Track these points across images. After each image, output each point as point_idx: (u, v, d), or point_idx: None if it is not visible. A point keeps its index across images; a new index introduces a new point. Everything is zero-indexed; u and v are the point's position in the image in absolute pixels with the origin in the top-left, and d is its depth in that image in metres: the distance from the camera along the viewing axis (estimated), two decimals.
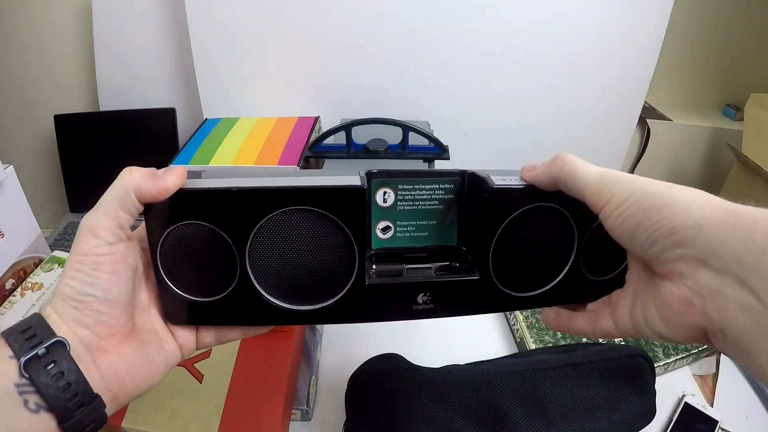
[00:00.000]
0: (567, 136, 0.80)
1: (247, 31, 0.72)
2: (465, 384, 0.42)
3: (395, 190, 0.31)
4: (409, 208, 0.31)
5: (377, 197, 0.31)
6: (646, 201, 0.23)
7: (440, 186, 0.31)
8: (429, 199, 0.31)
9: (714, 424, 0.50)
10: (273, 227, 0.27)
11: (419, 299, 0.30)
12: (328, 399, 0.53)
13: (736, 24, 0.85)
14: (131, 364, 0.26)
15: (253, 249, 0.27)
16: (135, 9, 0.75)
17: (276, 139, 0.69)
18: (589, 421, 0.42)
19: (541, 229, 0.30)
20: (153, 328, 0.29)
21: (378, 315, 0.30)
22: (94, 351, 0.25)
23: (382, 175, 0.30)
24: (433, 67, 0.74)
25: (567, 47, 0.72)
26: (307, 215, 0.27)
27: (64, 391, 0.23)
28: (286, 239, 0.27)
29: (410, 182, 0.31)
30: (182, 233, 0.27)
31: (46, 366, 0.23)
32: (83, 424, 0.23)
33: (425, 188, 0.31)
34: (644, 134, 0.87)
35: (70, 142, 0.79)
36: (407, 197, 0.31)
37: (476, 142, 0.80)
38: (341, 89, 0.77)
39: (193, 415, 0.45)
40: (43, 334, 0.23)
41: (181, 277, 0.28)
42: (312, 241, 0.28)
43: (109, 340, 0.25)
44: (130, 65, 0.79)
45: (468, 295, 0.30)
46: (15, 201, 0.52)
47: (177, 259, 0.28)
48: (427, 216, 0.32)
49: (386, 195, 0.31)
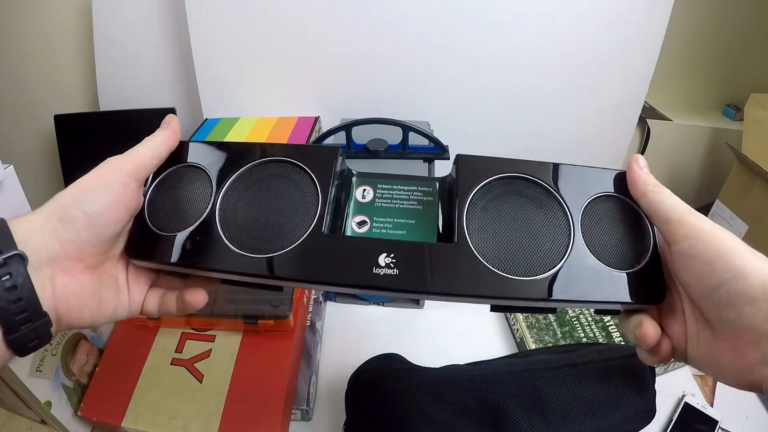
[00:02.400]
0: (567, 135, 0.80)
1: (247, 31, 0.72)
2: (465, 384, 0.42)
3: (374, 188, 0.31)
4: (387, 205, 0.31)
5: (357, 193, 0.31)
6: (733, 256, 0.23)
7: (419, 188, 0.31)
8: (407, 199, 0.31)
9: (714, 424, 0.50)
10: (251, 176, 0.30)
11: (381, 261, 0.27)
12: (328, 399, 0.53)
13: (736, 24, 0.85)
14: (84, 294, 0.27)
15: (227, 192, 0.30)
16: (135, 9, 0.75)
17: (276, 140, 0.69)
18: (589, 421, 0.42)
19: (524, 206, 0.28)
20: (116, 274, 0.29)
21: (332, 275, 0.27)
22: (55, 267, 0.25)
23: (362, 175, 0.31)
24: (433, 67, 0.74)
25: (567, 47, 0.72)
26: (282, 168, 0.30)
27: (14, 304, 0.23)
28: (257, 189, 0.30)
29: (389, 182, 0.31)
30: (176, 174, 0.31)
31: (1, 277, 0.23)
32: (27, 339, 0.24)
33: (403, 189, 0.31)
34: (644, 134, 0.86)
35: (70, 142, 0.79)
36: (386, 195, 0.31)
37: (476, 142, 0.80)
38: (341, 89, 0.76)
39: (193, 415, 0.45)
40: (4, 244, 0.23)
41: (157, 216, 0.30)
42: (280, 193, 0.30)
43: (73, 264, 0.26)
44: (130, 65, 0.79)
45: (440, 265, 0.27)
46: (15, 201, 0.52)
47: (161, 198, 0.30)
48: (405, 215, 0.31)
49: (365, 192, 0.31)
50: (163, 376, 0.48)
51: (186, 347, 0.50)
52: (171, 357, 0.49)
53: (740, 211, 0.72)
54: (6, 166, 0.49)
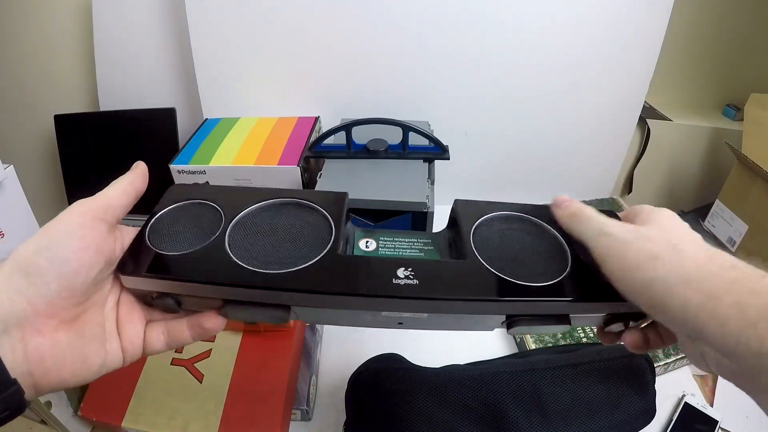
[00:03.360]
0: (567, 136, 0.80)
1: (247, 31, 0.72)
2: (465, 384, 0.42)
3: (377, 240, 0.32)
4: (390, 253, 0.32)
5: (360, 244, 0.32)
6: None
7: (418, 239, 0.33)
8: (409, 248, 0.32)
9: (714, 424, 0.50)
10: (262, 213, 0.31)
11: (400, 273, 0.28)
12: (328, 399, 0.53)
13: (736, 24, 0.85)
14: (62, 354, 0.24)
15: (238, 223, 0.30)
16: (135, 9, 0.75)
17: (276, 139, 0.69)
18: (589, 421, 0.42)
19: (521, 233, 0.32)
20: (101, 322, 0.26)
21: (351, 286, 0.27)
22: (25, 327, 0.23)
23: (365, 231, 0.33)
24: (433, 67, 0.74)
25: (567, 47, 0.72)
26: (291, 207, 0.32)
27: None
28: (269, 222, 0.31)
29: (390, 235, 0.33)
30: (185, 206, 0.32)
31: None
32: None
33: (404, 240, 0.33)
34: (644, 134, 0.87)
35: (70, 142, 0.79)
36: (388, 245, 0.32)
37: (476, 142, 0.80)
38: (341, 89, 0.77)
39: (193, 415, 0.45)
40: None
41: (160, 239, 0.29)
42: (293, 224, 0.31)
43: (45, 321, 0.23)
44: (130, 65, 0.79)
45: (457, 276, 0.28)
46: (15, 201, 0.52)
47: (166, 226, 0.30)
48: (411, 256, 0.32)
49: (368, 243, 0.32)
50: (163, 376, 0.48)
51: (186, 347, 0.50)
52: (171, 357, 0.49)
53: (740, 211, 0.72)
54: (6, 166, 0.49)
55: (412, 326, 0.30)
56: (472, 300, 0.28)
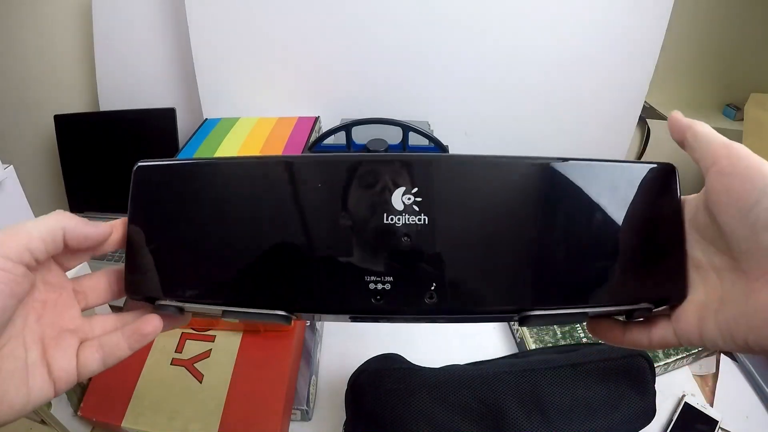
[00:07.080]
0: (567, 135, 0.80)
1: (247, 31, 0.72)
2: (465, 384, 0.42)
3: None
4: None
5: None
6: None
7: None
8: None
9: (714, 424, 0.50)
10: None
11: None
12: (328, 399, 0.53)
13: (736, 24, 0.85)
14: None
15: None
16: (135, 9, 0.75)
17: (276, 139, 0.69)
18: (589, 421, 0.42)
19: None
20: (22, 357, 0.24)
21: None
22: None
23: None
24: (433, 67, 0.74)
25: (567, 47, 0.72)
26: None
27: None
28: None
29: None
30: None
31: None
32: None
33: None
34: (644, 134, 0.87)
35: (70, 142, 0.79)
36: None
37: (476, 142, 0.80)
38: (341, 89, 0.77)
39: (193, 415, 0.45)
40: None
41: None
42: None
43: None
44: (130, 65, 0.79)
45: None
46: (15, 201, 0.52)
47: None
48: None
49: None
50: (163, 377, 0.48)
51: (186, 347, 0.50)
52: (171, 357, 0.49)
53: None
54: (6, 166, 0.49)
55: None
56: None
